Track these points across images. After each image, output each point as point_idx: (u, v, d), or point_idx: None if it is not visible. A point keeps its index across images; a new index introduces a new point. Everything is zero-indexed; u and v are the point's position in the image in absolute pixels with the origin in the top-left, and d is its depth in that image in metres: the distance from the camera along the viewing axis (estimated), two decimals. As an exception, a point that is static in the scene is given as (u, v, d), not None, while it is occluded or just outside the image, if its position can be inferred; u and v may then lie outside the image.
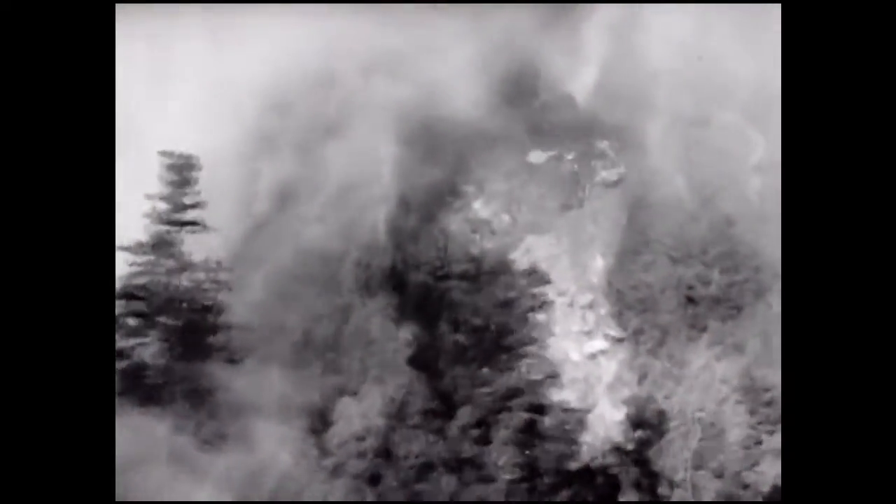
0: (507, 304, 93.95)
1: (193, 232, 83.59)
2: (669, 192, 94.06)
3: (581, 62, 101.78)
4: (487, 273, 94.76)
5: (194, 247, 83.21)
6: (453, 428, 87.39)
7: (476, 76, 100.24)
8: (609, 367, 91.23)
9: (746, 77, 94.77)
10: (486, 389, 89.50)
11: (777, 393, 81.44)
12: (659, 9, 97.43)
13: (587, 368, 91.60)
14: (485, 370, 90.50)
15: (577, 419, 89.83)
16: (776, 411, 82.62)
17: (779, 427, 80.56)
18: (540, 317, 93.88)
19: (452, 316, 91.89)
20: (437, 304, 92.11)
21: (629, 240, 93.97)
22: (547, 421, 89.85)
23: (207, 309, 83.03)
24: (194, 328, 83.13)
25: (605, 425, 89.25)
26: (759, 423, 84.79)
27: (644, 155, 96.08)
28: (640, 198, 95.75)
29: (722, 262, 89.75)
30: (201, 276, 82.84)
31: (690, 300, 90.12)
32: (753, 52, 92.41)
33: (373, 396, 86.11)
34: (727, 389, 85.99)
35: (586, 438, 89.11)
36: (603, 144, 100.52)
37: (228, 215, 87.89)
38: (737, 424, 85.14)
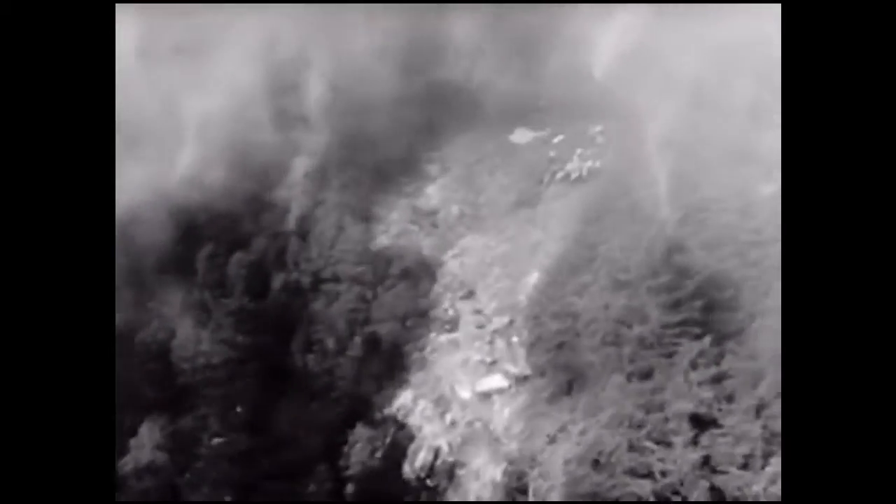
0: (403, 321, 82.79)
1: None
2: (646, 197, 78.92)
3: (613, 25, 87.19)
4: (393, 278, 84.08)
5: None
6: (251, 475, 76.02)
7: (481, 31, 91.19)
8: (501, 412, 77.43)
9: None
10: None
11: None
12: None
13: (476, 410, 78.34)
14: (314, 405, 78.97)
15: (444, 472, 76.38)
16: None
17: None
18: (441, 338, 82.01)
19: (313, 331, 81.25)
20: (297, 314, 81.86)
21: (573, 253, 79.71)
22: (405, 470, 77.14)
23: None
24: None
25: (477, 485, 75.45)
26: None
27: (636, 144, 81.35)
28: (607, 199, 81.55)
29: (669, 295, 72.29)
30: None
31: (617, 338, 73.41)
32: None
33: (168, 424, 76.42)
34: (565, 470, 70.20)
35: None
36: (596, 128, 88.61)
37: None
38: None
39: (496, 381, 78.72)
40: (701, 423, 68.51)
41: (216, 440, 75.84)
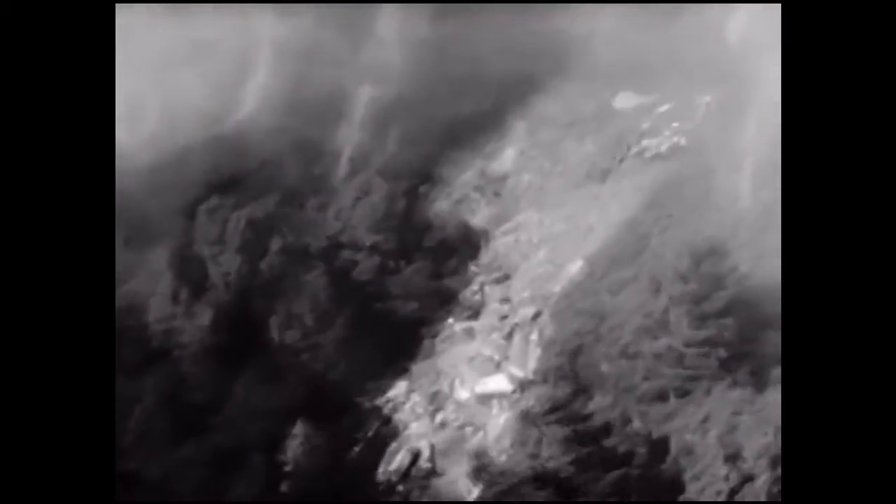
0: (420, 301, 76.18)
1: None
2: (726, 185, 70.20)
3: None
4: (426, 250, 78.03)
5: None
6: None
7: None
8: (497, 419, 70.21)
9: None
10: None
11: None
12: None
13: (471, 413, 71.34)
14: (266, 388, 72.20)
15: (419, 479, 69.59)
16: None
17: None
18: (458, 326, 75.24)
19: (299, 304, 74.28)
20: (291, 283, 75.12)
21: (622, 243, 72.42)
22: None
23: None
24: None
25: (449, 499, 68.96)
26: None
27: (739, 122, 71.95)
28: (680, 183, 73.28)
29: (695, 306, 63.46)
30: None
31: (638, 350, 65.36)
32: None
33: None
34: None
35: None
36: (705, 99, 79.88)
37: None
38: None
39: (499, 383, 71.65)
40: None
41: None
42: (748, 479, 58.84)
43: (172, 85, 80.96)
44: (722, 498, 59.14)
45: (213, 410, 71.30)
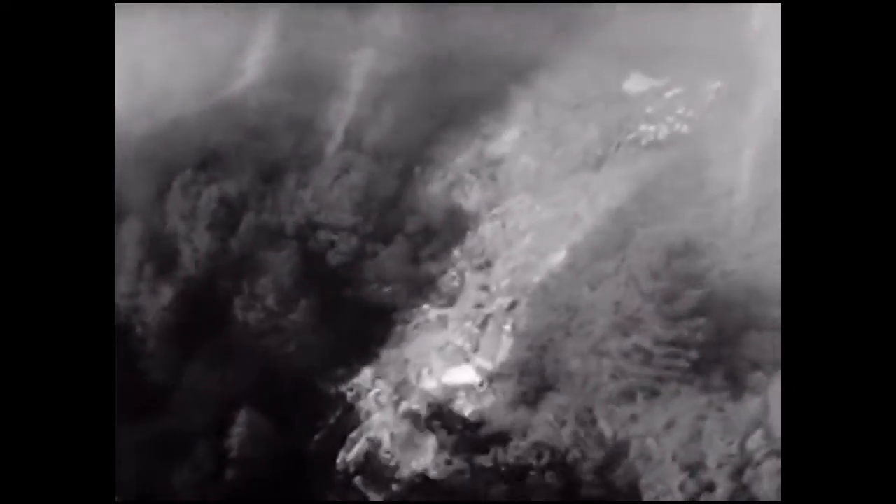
0: (396, 285, 73.91)
1: None
2: (722, 176, 67.85)
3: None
4: (408, 233, 75.40)
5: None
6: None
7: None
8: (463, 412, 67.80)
9: None
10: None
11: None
12: None
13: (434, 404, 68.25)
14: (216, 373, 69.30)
15: (379, 470, 66.07)
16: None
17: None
18: (432, 313, 73.12)
19: (261, 285, 71.57)
20: (260, 262, 72.56)
21: (607, 234, 69.32)
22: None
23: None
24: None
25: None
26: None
27: (744, 110, 69.61)
28: (674, 172, 70.60)
29: (668, 305, 60.37)
30: None
31: (608, 347, 62.33)
32: None
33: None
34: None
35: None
36: (715, 84, 77.51)
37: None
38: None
39: (467, 374, 69.54)
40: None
41: None
42: (707, 488, 56.27)
43: (168, 57, 78.85)
44: (676, 508, 56.88)
45: (164, 393, 68.44)
